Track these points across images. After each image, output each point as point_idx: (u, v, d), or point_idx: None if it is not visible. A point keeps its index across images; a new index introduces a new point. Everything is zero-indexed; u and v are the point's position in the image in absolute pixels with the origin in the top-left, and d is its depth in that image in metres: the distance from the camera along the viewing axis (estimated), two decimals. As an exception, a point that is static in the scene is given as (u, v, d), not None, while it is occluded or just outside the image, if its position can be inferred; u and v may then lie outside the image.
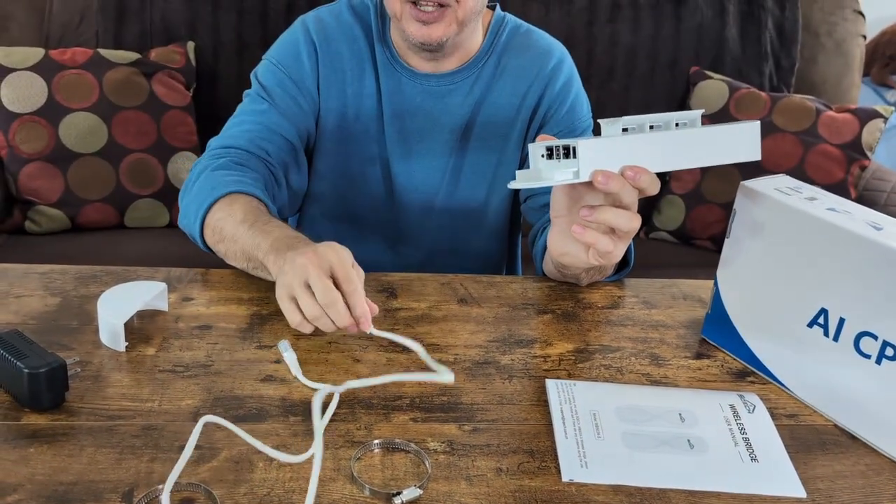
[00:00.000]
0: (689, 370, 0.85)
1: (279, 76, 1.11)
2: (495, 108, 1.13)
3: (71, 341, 0.82)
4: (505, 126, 1.14)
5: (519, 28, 1.17)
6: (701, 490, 0.67)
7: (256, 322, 0.88)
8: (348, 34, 1.12)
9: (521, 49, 1.15)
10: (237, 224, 0.92)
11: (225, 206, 0.95)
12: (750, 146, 0.82)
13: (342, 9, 1.14)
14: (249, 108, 1.11)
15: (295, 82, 1.11)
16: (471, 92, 1.13)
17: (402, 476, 0.66)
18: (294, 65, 1.11)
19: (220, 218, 0.94)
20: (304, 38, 1.12)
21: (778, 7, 2.14)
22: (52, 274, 0.96)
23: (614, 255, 0.80)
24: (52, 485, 0.63)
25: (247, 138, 1.06)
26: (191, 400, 0.74)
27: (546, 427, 0.74)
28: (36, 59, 1.79)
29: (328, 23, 1.13)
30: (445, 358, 0.84)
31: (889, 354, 0.71)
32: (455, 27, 1.03)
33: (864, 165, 1.93)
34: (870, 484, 0.69)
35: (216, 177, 0.99)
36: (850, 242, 0.73)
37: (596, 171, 0.75)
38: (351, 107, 1.12)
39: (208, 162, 1.02)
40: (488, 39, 1.14)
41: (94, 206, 1.81)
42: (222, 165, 1.01)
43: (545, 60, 1.15)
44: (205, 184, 0.98)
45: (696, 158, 0.80)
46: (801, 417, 0.79)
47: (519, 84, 1.14)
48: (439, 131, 1.14)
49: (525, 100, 1.14)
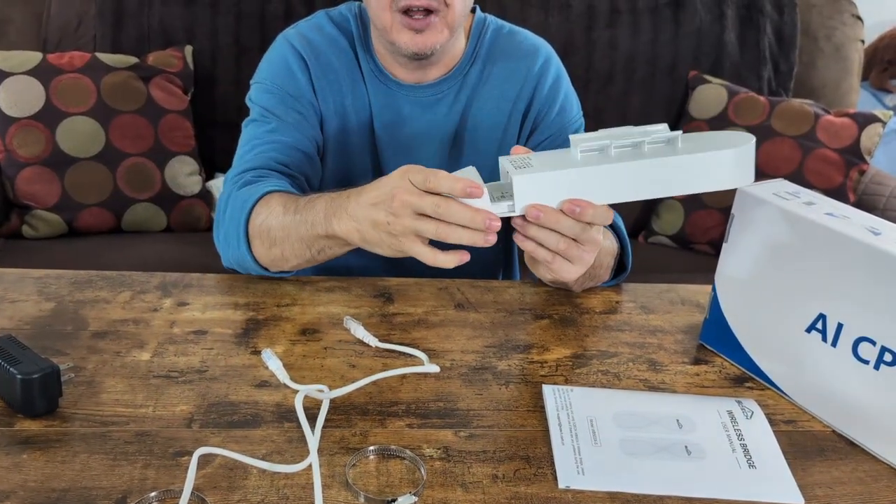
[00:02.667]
0: (687, 376, 0.85)
1: (277, 94, 1.08)
2: (484, 114, 1.13)
3: (65, 346, 0.82)
4: (496, 131, 1.13)
5: (501, 29, 1.16)
6: (698, 497, 0.67)
7: (252, 327, 0.88)
8: (336, 46, 1.10)
9: (505, 51, 1.13)
10: (281, 218, 0.89)
11: (262, 210, 0.92)
12: (736, 172, 0.73)
13: (322, 22, 1.12)
14: (257, 131, 1.07)
15: (294, 97, 1.08)
16: (457, 100, 1.12)
17: (397, 483, 0.66)
18: (288, 81, 1.08)
19: (262, 222, 0.92)
20: (292, 53, 1.09)
21: (776, 11, 2.14)
22: (47, 279, 0.96)
23: (562, 273, 0.78)
24: (45, 491, 0.62)
25: (262, 159, 1.03)
26: (185, 406, 0.74)
27: (543, 433, 0.73)
28: (33, 63, 1.79)
29: (311, 37, 1.10)
30: (442, 364, 0.83)
31: (887, 360, 0.71)
32: (447, 33, 1.02)
33: (862, 170, 1.93)
34: (868, 490, 0.69)
35: (242, 194, 0.96)
36: (849, 247, 0.73)
37: (529, 206, 0.73)
38: (347, 117, 1.11)
39: (230, 190, 0.99)
40: (471, 44, 1.12)
41: (92, 210, 1.81)
42: (246, 183, 0.99)
43: (531, 61, 1.13)
44: (234, 206, 0.96)
45: (663, 189, 0.74)
46: (799, 423, 0.78)
47: (507, 88, 1.13)
48: (429, 142, 1.13)
49: (516, 103, 1.13)
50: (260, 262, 0.95)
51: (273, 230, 0.91)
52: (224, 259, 1.00)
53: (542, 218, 0.74)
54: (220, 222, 0.99)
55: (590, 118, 1.21)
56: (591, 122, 1.18)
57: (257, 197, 0.93)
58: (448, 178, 0.73)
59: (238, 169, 1.03)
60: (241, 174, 1.01)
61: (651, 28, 2.08)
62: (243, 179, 1.00)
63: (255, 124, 1.08)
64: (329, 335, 0.87)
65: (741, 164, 0.74)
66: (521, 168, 0.74)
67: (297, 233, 0.88)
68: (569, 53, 2.02)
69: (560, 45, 2.12)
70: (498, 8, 2.01)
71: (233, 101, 1.99)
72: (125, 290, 0.94)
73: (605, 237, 0.96)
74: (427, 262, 0.76)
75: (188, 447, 0.68)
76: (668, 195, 0.73)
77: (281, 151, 1.04)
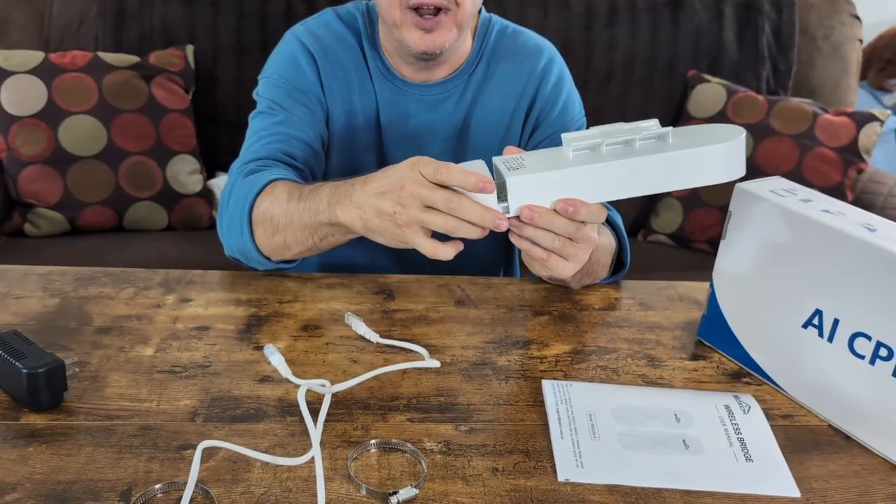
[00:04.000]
0: (685, 371, 0.86)
1: (284, 88, 1.09)
2: (488, 113, 1.14)
3: (69, 342, 0.83)
4: (500, 129, 1.14)
5: (506, 29, 1.17)
6: (696, 490, 0.67)
7: (254, 323, 0.89)
8: (344, 42, 1.11)
9: (510, 51, 1.14)
10: (285, 205, 0.89)
11: (266, 197, 0.92)
12: (727, 166, 0.73)
13: (330, 20, 1.13)
14: (264, 122, 1.07)
15: (301, 91, 1.08)
16: (462, 98, 1.13)
17: (398, 476, 0.67)
18: (296, 75, 1.09)
19: (265, 209, 0.92)
20: (300, 48, 1.10)
21: (775, 11, 2.15)
22: (52, 275, 0.96)
23: (558, 270, 0.79)
24: (51, 484, 0.63)
25: (268, 150, 1.03)
26: (188, 400, 0.74)
27: (542, 427, 0.74)
28: (36, 62, 1.80)
29: (320, 34, 1.11)
30: (443, 359, 0.84)
31: (883, 355, 0.72)
32: (455, 32, 1.03)
33: (861, 169, 1.94)
34: (864, 484, 0.70)
35: (247, 182, 0.96)
36: (845, 244, 0.74)
37: (523, 207, 0.74)
38: (354, 113, 1.12)
39: (235, 178, 1.00)
40: (476, 44, 1.13)
41: (94, 208, 1.82)
42: (251, 171, 0.99)
43: (535, 61, 1.14)
44: (238, 194, 0.96)
45: (655, 185, 0.74)
46: (795, 418, 0.79)
47: (511, 87, 1.14)
48: (434, 140, 1.14)
49: (519, 102, 1.14)
50: (262, 251, 0.95)
51: (276, 217, 0.91)
52: (227, 248, 1.00)
53: (537, 218, 0.74)
54: (224, 210, 0.99)
55: (589, 117, 1.21)
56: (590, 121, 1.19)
57: (262, 184, 0.94)
58: (460, 171, 0.72)
59: (244, 159, 1.03)
60: (246, 164, 1.02)
61: (650, 27, 2.09)
62: (248, 168, 1.00)
63: (263, 116, 1.08)
64: (331, 331, 0.88)
65: (732, 157, 0.73)
66: (514, 169, 0.74)
67: (301, 220, 0.88)
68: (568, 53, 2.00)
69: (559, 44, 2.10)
70: (497, 7, 2.01)
71: (234, 100, 2.00)
72: (128, 286, 0.95)
73: (603, 234, 0.96)
74: (427, 254, 0.76)
75: (192, 440, 0.68)
76: (662, 191, 0.74)
77: (288, 143, 1.04)
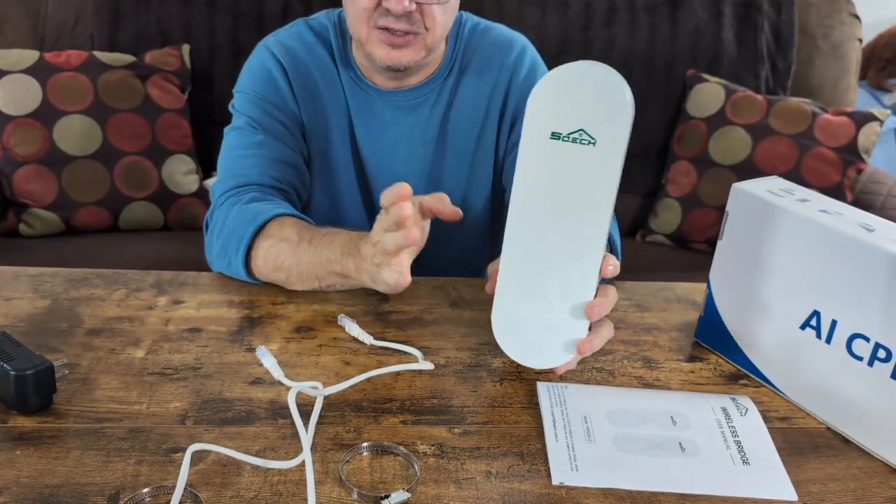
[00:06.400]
0: (682, 373, 0.85)
1: (261, 104, 1.08)
2: (464, 111, 1.13)
3: (59, 343, 0.82)
4: (475, 127, 1.14)
5: (477, 26, 1.16)
6: (692, 493, 0.67)
7: (246, 325, 0.88)
8: (314, 55, 1.10)
9: (480, 48, 1.13)
10: (295, 247, 0.90)
11: (274, 232, 0.92)
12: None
13: (301, 31, 1.12)
14: (244, 141, 1.06)
15: (277, 107, 1.08)
16: (438, 102, 1.12)
17: (390, 479, 0.66)
18: (271, 90, 1.08)
19: (271, 245, 0.92)
20: (273, 61, 1.09)
21: (774, 10, 2.14)
22: (43, 276, 0.96)
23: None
24: (38, 487, 0.62)
25: (257, 172, 1.03)
26: (179, 403, 0.74)
27: (537, 430, 0.73)
28: (30, 61, 1.79)
29: (291, 46, 1.10)
30: (437, 361, 0.83)
31: (881, 356, 0.71)
32: (423, 53, 1.03)
33: (860, 169, 1.93)
34: (862, 487, 0.69)
35: (249, 210, 0.96)
36: (842, 244, 0.73)
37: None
38: (328, 125, 1.11)
39: (236, 199, 0.99)
40: (450, 47, 1.13)
41: (89, 208, 1.81)
42: (253, 199, 0.98)
43: (506, 53, 1.13)
44: (240, 217, 0.96)
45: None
46: (793, 420, 0.78)
47: (483, 83, 1.13)
48: (412, 144, 1.13)
49: (492, 98, 1.13)
50: (256, 278, 0.95)
51: (283, 256, 0.91)
52: (212, 262, 1.01)
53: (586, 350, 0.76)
54: (218, 229, 0.98)
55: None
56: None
57: (270, 216, 0.94)
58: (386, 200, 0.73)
59: (236, 181, 1.03)
60: (242, 187, 1.01)
61: (649, 27, 2.08)
62: (249, 193, 1.00)
63: (241, 133, 1.07)
64: (324, 333, 0.87)
65: None
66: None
67: (310, 266, 0.89)
68: (566, 52, 2.01)
69: (557, 43, 2.12)
70: (496, 7, 2.00)
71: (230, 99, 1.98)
72: (120, 287, 0.94)
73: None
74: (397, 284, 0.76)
75: (182, 444, 0.67)
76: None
77: (273, 167, 1.04)
